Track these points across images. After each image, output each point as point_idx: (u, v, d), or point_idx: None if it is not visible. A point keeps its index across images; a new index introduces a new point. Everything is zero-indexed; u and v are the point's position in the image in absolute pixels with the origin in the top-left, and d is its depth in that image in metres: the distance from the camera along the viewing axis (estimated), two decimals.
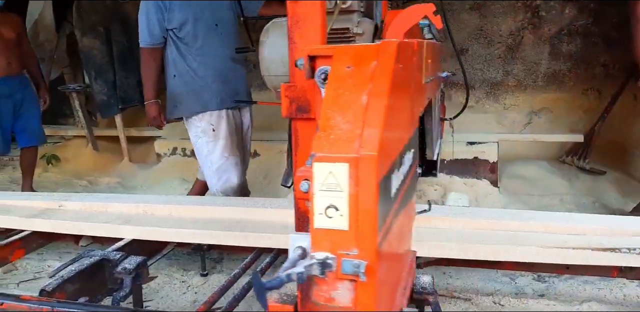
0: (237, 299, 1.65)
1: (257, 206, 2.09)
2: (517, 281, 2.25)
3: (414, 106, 1.11)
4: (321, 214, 0.72)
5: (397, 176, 0.85)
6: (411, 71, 1.05)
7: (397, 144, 0.86)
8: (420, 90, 1.24)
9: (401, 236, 1.01)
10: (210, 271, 2.38)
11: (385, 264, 0.79)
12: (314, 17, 1.00)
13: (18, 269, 2.50)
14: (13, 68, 3.49)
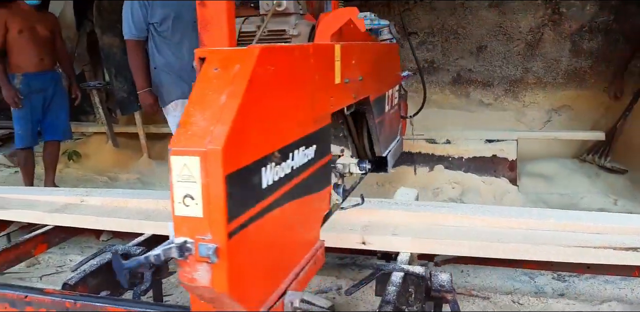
0: None
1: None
2: (536, 280, 2.23)
3: (316, 105, 1.17)
4: (180, 202, 0.79)
5: (276, 169, 0.94)
6: (304, 73, 1.11)
7: (271, 140, 0.94)
8: (332, 90, 1.29)
9: (291, 225, 1.08)
10: None
11: (249, 248, 0.87)
12: (220, 21, 1.04)
13: (41, 263, 2.55)
14: (45, 64, 3.60)
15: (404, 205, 1.97)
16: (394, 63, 2.24)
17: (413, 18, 4.72)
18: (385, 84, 1.96)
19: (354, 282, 2.01)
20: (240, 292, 0.87)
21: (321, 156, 1.23)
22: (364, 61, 1.63)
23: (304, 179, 1.12)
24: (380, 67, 1.88)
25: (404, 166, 3.56)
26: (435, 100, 4.69)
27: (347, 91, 1.45)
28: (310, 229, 1.25)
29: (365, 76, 1.60)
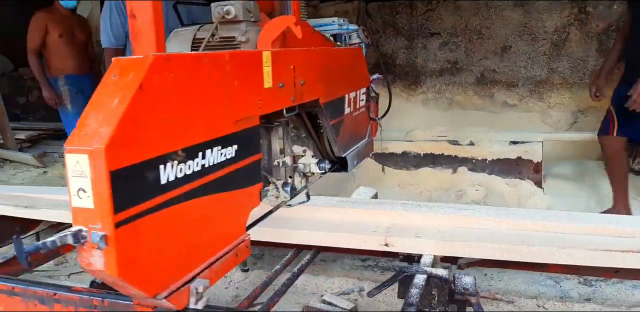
0: (278, 295, 1.68)
1: None
2: (562, 284, 2.19)
3: (235, 108, 1.28)
4: (75, 195, 0.89)
5: (180, 167, 1.06)
6: (217, 79, 1.21)
7: (172, 141, 1.05)
8: (260, 94, 1.39)
9: (205, 217, 1.19)
10: (251, 266, 2.42)
11: (146, 237, 0.99)
12: (149, 31, 1.14)
13: (68, 262, 2.62)
14: (84, 67, 3.71)
15: (427, 207, 1.96)
16: (358, 67, 2.34)
17: (436, 18, 4.70)
18: (342, 87, 2.07)
19: (377, 284, 2.01)
20: (135, 277, 0.99)
21: (245, 155, 1.34)
22: (307, 66, 1.71)
23: (221, 176, 1.23)
24: (335, 71, 1.99)
25: (427, 168, 3.54)
26: (458, 101, 4.65)
27: (281, 95, 1.54)
28: (232, 222, 1.35)
29: (308, 80, 1.70)
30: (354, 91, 2.21)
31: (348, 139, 2.17)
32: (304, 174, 1.93)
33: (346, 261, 2.48)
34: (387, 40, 4.82)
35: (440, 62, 4.75)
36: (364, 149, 2.37)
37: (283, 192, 1.75)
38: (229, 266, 1.33)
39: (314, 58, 1.81)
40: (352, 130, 2.24)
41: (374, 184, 3.55)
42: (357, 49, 2.36)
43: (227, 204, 1.29)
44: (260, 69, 1.41)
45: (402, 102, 4.63)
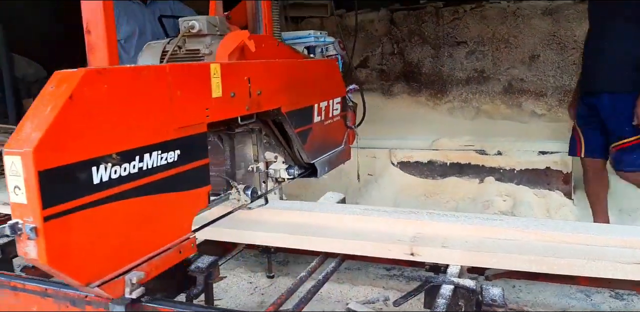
0: (303, 302, 1.68)
1: (323, 211, 2.12)
2: (592, 297, 2.15)
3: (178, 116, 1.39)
4: (12, 192, 1.02)
5: (114, 168, 1.18)
6: (156, 90, 1.32)
7: (105, 145, 1.16)
8: (207, 103, 1.50)
9: (144, 216, 1.31)
10: (276, 273, 2.44)
11: (78, 231, 1.11)
12: (102, 45, 1.31)
13: None
14: None
15: (454, 217, 1.94)
16: (331, 77, 2.45)
17: (463, 27, 4.68)
18: (309, 96, 2.18)
19: (402, 293, 2.00)
20: (65, 266, 1.11)
21: (189, 160, 1.45)
22: (265, 77, 1.83)
23: (162, 179, 1.34)
24: (301, 82, 2.10)
25: (453, 178, 3.51)
26: (486, 110, 4.62)
27: (233, 104, 1.65)
28: (174, 221, 1.46)
29: (266, 90, 1.81)
30: (325, 101, 2.33)
31: (318, 147, 2.29)
32: (276, 179, 2.09)
33: (371, 270, 2.47)
34: (413, 49, 4.82)
35: (466, 71, 4.72)
36: (337, 156, 2.51)
37: (244, 196, 1.93)
38: (171, 261, 1.47)
39: (274, 69, 1.91)
40: (324, 138, 2.37)
41: (399, 193, 3.54)
42: (330, 61, 2.49)
43: (169, 204, 1.40)
44: (207, 80, 1.52)
45: (428, 111, 4.61)
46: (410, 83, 4.83)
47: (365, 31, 4.97)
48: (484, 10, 4.54)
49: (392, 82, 4.91)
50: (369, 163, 3.78)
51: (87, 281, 1.19)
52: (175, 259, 1.48)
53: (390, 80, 4.91)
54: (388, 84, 4.93)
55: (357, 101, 2.77)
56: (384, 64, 4.94)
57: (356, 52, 5.01)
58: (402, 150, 3.70)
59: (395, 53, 4.90)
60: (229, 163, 2.12)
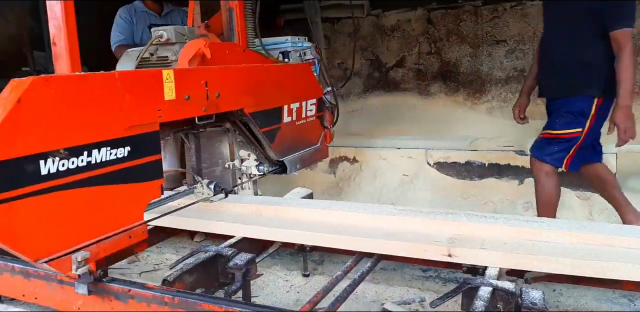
0: (339, 301, 1.69)
1: (359, 211, 2.12)
2: (636, 302, 2.07)
3: (130, 116, 1.57)
4: None
5: (62, 162, 1.36)
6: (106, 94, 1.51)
7: (53, 141, 1.34)
8: (159, 105, 1.68)
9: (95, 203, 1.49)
10: (311, 272, 2.45)
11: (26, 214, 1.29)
12: (66, 55, 1.52)
13: (140, 261, 2.76)
14: None
15: (492, 218, 1.92)
16: (304, 80, 2.61)
17: (502, 25, 4.60)
18: (278, 98, 2.36)
19: (438, 295, 1.99)
20: (16, 243, 1.30)
21: (140, 155, 1.61)
22: (225, 81, 2.00)
23: (111, 172, 1.52)
24: (269, 85, 2.28)
25: (491, 179, 3.45)
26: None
27: (188, 105, 1.83)
28: (125, 209, 1.62)
29: (225, 93, 1.98)
30: (297, 102, 2.49)
31: (289, 145, 2.45)
32: (249, 175, 2.32)
33: (406, 271, 2.46)
34: (451, 48, 4.76)
35: (506, 70, 4.63)
36: (312, 154, 2.69)
37: (207, 190, 2.15)
38: (121, 245, 1.65)
39: (235, 74, 2.09)
40: (296, 137, 2.53)
41: (435, 194, 3.51)
42: (303, 65, 2.66)
43: (118, 194, 1.57)
44: (160, 84, 1.70)
45: (466, 111, 4.55)
46: (448, 83, 4.78)
47: (402, 31, 4.94)
48: (524, 8, 4.45)
49: (429, 82, 4.86)
50: (405, 163, 3.75)
51: (36, 257, 1.36)
52: (124, 243, 1.65)
53: (427, 80, 4.87)
54: (425, 83, 4.88)
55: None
56: (420, 63, 4.90)
57: (393, 52, 5.00)
58: (438, 150, 3.67)
59: (432, 52, 4.86)
60: (195, 160, 2.37)
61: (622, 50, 2.35)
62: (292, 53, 2.77)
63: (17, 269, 1.97)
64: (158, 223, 2.08)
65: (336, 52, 5.41)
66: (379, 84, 5.10)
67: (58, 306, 1.91)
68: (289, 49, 2.75)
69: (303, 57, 2.85)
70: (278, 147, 2.36)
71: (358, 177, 3.90)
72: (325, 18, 5.31)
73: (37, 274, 1.92)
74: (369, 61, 5.26)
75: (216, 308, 1.55)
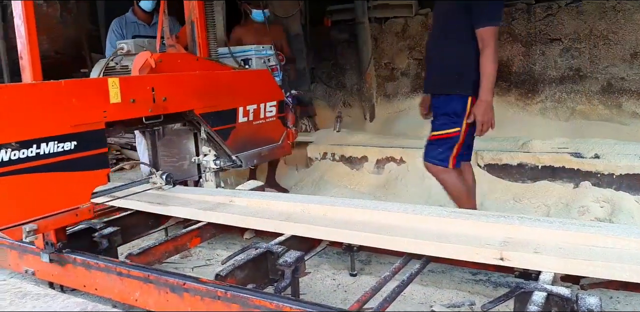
0: (388, 301, 1.70)
1: (407, 212, 2.11)
2: None
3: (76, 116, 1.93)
4: None
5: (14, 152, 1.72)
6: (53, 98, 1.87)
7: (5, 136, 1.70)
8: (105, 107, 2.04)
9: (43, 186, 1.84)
10: (359, 272, 2.46)
11: None
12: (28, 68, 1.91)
13: (192, 256, 2.84)
14: None
15: (547, 222, 1.87)
16: (262, 84, 2.92)
17: (557, 23, 4.45)
18: (232, 101, 2.67)
19: (488, 298, 1.96)
20: None
21: (87, 148, 1.96)
22: (171, 86, 2.33)
23: (59, 161, 1.87)
24: (218, 89, 2.58)
25: (545, 182, 3.35)
26: (581, 110, 4.36)
27: (134, 108, 2.16)
28: (72, 192, 1.96)
29: (172, 97, 2.31)
30: (254, 104, 2.80)
31: (244, 142, 2.76)
32: (208, 169, 2.67)
33: (455, 274, 2.43)
34: (502, 47, 4.64)
35: (561, 70, 4.48)
36: (271, 151, 2.99)
37: (159, 179, 2.52)
38: (68, 221, 1.99)
39: (182, 80, 2.41)
40: (253, 136, 2.84)
41: (485, 196, 3.44)
42: (262, 71, 3.02)
43: (66, 180, 1.92)
44: (106, 90, 2.05)
45: (518, 112, 4.44)
46: (499, 82, 4.66)
47: None
48: (580, 6, 4.29)
49: None
50: None
51: None
52: (72, 219, 2.00)
53: None
54: None
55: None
56: None
57: None
58: (489, 152, 3.59)
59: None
60: (151, 154, 2.76)
61: (485, 47, 2.38)
62: (253, 60, 3.18)
63: (79, 261, 2.08)
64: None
65: (383, 52, 5.38)
66: None
67: (116, 297, 2.01)
68: (250, 57, 3.17)
69: (267, 63, 3.23)
70: (233, 144, 2.68)
71: (405, 178, 3.87)
72: (373, 18, 5.29)
73: (97, 266, 2.03)
74: (417, 61, 5.21)
75: (267, 304, 1.59)
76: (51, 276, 2.21)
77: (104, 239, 2.32)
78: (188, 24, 2.86)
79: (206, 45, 2.83)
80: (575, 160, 3.28)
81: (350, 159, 4.23)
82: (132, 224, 2.60)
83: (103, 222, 2.44)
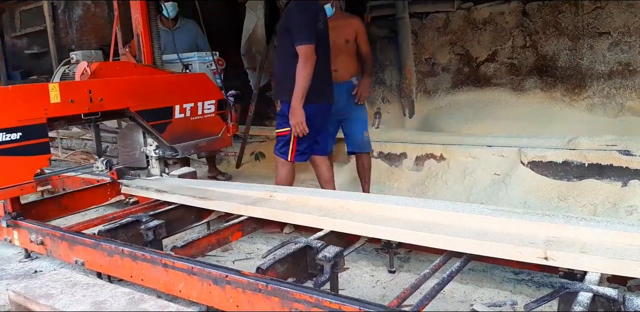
0: (427, 298, 1.69)
1: (448, 209, 2.09)
2: None
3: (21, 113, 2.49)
4: None
5: None
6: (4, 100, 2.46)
7: None
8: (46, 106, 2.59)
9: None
10: (397, 269, 2.45)
11: None
12: None
13: (233, 249, 2.90)
14: (339, 75, 3.38)
15: (594, 221, 1.82)
16: (199, 86, 3.45)
17: (605, 17, 4.28)
18: (166, 100, 3.20)
19: (531, 298, 1.92)
20: None
21: (29, 138, 2.52)
22: (107, 88, 2.86)
23: (7, 148, 2.44)
24: (153, 90, 3.13)
25: (591, 180, 3.24)
26: (631, 107, 4.18)
27: (72, 106, 2.69)
28: (18, 172, 2.53)
29: (108, 97, 2.85)
30: (191, 103, 3.34)
31: (181, 135, 3.28)
32: (152, 157, 3.23)
33: (497, 273, 2.39)
34: (548, 41, 4.51)
35: (609, 64, 4.31)
36: (209, 143, 3.49)
37: (101, 165, 3.10)
38: (14, 193, 2.58)
39: (116, 83, 2.94)
40: (190, 129, 3.34)
41: (529, 194, 3.36)
42: (199, 74, 3.58)
43: (12, 163, 2.48)
44: (46, 93, 2.57)
45: (564, 108, 4.29)
46: (544, 78, 4.53)
47: (495, 24, 4.75)
48: None
49: (523, 77, 4.64)
50: (496, 162, 3.63)
51: None
52: (17, 192, 2.59)
53: (521, 75, 4.65)
54: (518, 78, 4.66)
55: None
56: (514, 58, 4.68)
57: (484, 46, 4.83)
58: (533, 149, 3.50)
59: (527, 46, 4.62)
60: (96, 143, 3.37)
61: (300, 61, 2.84)
62: (195, 65, 3.80)
63: (126, 252, 2.17)
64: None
65: (424, 48, 5.31)
66: (468, 79, 4.95)
67: (162, 288, 2.08)
68: (192, 62, 3.77)
69: (210, 67, 3.83)
70: (170, 136, 3.20)
71: (445, 175, 3.82)
72: (413, 13, 5.23)
73: (144, 258, 2.10)
74: (458, 56, 5.12)
75: (307, 298, 1.61)
76: (100, 266, 2.31)
77: (149, 232, 2.39)
78: (135, 36, 3.47)
79: (150, 54, 3.46)
80: (624, 158, 3.16)
81: (389, 156, 4.20)
82: (176, 217, 2.68)
83: (149, 216, 2.53)
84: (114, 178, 3.13)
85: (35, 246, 2.62)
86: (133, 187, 2.99)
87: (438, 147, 3.91)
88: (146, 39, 3.42)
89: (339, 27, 3.40)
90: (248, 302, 1.77)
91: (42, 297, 1.82)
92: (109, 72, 3.07)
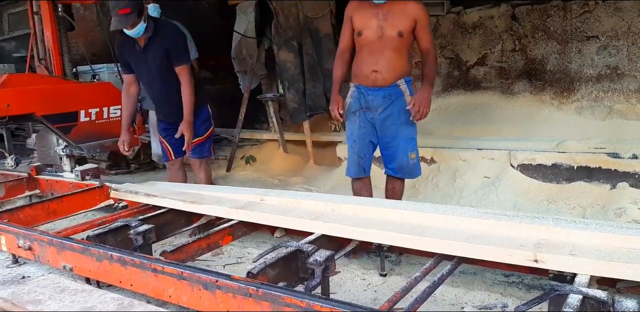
0: (418, 301, 1.69)
1: (438, 212, 2.10)
2: None
3: None
4: None
5: None
6: None
7: None
8: None
9: None
10: (388, 272, 2.45)
11: None
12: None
13: (224, 254, 2.89)
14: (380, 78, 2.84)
15: (583, 223, 1.83)
16: (103, 93, 4.14)
17: (594, 21, 4.33)
18: (72, 105, 3.87)
19: (521, 301, 1.92)
20: None
21: None
22: (14, 96, 3.52)
23: None
24: (59, 97, 3.83)
25: (580, 182, 3.27)
26: (619, 110, 4.23)
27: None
28: None
29: (14, 103, 3.49)
30: (97, 108, 4.00)
31: (87, 136, 3.88)
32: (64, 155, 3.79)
33: (487, 275, 2.39)
34: (537, 45, 4.55)
35: (597, 68, 4.35)
36: (114, 143, 3.55)
37: (11, 162, 3.77)
38: None
39: (23, 92, 3.58)
40: (96, 131, 3.95)
41: (519, 197, 3.38)
42: (105, 83, 4.28)
43: None
44: None
45: (553, 111, 4.33)
46: (533, 81, 4.57)
47: (484, 28, 4.79)
48: (618, 2, 4.16)
49: (512, 81, 4.68)
50: (486, 165, 3.64)
51: None
52: None
53: (511, 79, 4.68)
54: (508, 82, 4.70)
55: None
56: (503, 61, 4.72)
57: (474, 49, 4.86)
58: (523, 152, 3.53)
59: (517, 50, 4.66)
60: (7, 142, 3.91)
61: (181, 81, 3.10)
62: (104, 75, 4.70)
63: (115, 257, 2.14)
64: None
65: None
66: (458, 82, 4.98)
67: (151, 293, 2.06)
68: (99, 72, 4.67)
69: (119, 76, 4.32)
70: (75, 137, 3.80)
71: (436, 178, 3.83)
72: None
73: (133, 263, 2.08)
74: (448, 60, 5.15)
75: (298, 302, 1.60)
76: (88, 272, 2.28)
77: (139, 236, 2.37)
78: (47, 51, 4.25)
79: (60, 66, 4.30)
80: (612, 160, 3.19)
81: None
82: (166, 222, 2.66)
83: (138, 220, 2.51)
84: (32, 174, 3.76)
85: (23, 251, 2.59)
86: (122, 192, 2.97)
87: (428, 150, 3.92)
88: (56, 53, 4.29)
89: (391, 15, 2.66)
90: (239, 307, 1.75)
91: (30, 303, 1.79)
92: (17, 82, 3.75)
